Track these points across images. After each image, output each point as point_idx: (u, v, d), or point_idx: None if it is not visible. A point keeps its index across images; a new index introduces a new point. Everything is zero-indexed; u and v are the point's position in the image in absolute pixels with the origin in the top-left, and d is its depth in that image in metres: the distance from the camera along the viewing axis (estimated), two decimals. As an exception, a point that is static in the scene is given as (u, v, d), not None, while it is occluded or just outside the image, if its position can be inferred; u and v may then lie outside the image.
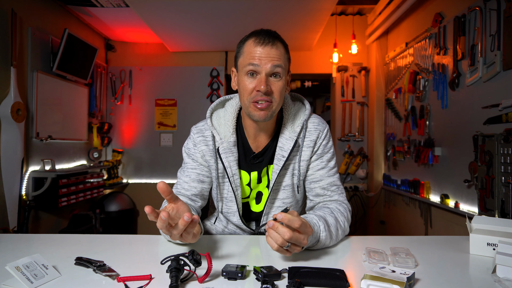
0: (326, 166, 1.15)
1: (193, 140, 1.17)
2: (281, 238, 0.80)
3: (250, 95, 1.02)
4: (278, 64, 1.00)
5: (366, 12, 4.04)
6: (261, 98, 1.01)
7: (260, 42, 1.01)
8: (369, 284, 0.69)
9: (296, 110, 1.17)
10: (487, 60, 2.07)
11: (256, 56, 1.00)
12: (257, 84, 1.00)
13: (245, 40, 1.06)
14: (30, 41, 2.80)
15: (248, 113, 1.06)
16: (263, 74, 1.00)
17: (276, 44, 1.02)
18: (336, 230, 1.01)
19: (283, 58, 1.03)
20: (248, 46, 1.03)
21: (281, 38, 1.06)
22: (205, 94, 4.20)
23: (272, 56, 1.00)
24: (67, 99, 3.32)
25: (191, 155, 1.17)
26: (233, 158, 1.12)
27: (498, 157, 1.88)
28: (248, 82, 1.02)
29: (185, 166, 1.18)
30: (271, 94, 1.02)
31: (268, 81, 1.01)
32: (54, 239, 1.09)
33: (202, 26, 3.36)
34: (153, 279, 0.74)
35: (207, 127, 1.16)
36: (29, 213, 2.71)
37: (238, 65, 1.07)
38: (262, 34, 1.03)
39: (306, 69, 4.15)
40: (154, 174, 4.22)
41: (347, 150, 4.07)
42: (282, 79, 1.03)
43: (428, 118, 2.80)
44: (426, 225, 2.85)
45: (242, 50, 1.05)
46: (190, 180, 1.15)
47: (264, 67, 1.00)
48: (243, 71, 1.03)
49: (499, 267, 0.77)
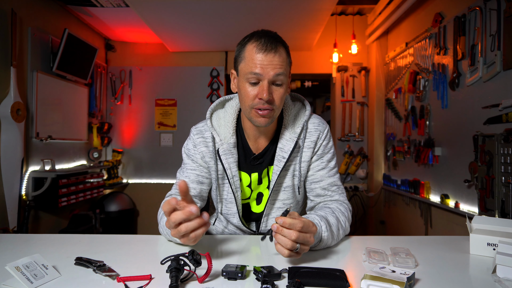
0: (326, 167, 1.15)
1: (193, 141, 1.16)
2: (289, 241, 0.80)
3: (252, 102, 1.00)
4: (280, 73, 0.98)
5: (366, 12, 4.04)
6: (263, 107, 0.99)
7: (262, 49, 0.98)
8: (369, 284, 0.69)
9: (296, 111, 1.17)
10: (487, 60, 2.07)
11: (258, 64, 0.97)
12: (259, 92, 0.99)
13: (245, 43, 1.02)
14: (30, 41, 2.80)
15: (250, 118, 1.05)
16: (265, 82, 0.98)
17: (279, 51, 0.99)
18: (338, 230, 1.01)
19: (285, 65, 1.01)
20: (249, 52, 1.00)
21: (283, 41, 1.03)
22: (205, 94, 4.20)
23: (275, 64, 0.98)
24: (67, 99, 3.32)
25: (190, 156, 1.16)
26: (233, 159, 1.12)
27: (498, 157, 1.88)
28: (250, 89, 1.00)
29: (185, 167, 1.18)
30: (273, 102, 1.01)
31: (270, 88, 0.99)
32: (54, 239, 1.09)
33: (202, 26, 3.36)
34: (153, 279, 0.74)
35: (207, 128, 1.15)
36: (29, 213, 2.71)
37: (239, 70, 1.04)
38: (264, 39, 0.99)
39: (306, 69, 4.15)
40: (154, 174, 4.22)
41: (347, 150, 4.07)
42: (283, 85, 1.02)
43: (428, 118, 2.79)
44: (426, 225, 2.85)
45: (243, 55, 1.02)
46: (190, 181, 1.14)
47: (267, 75, 0.97)
48: (244, 78, 1.01)
49: (499, 267, 0.77)
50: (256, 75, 0.98)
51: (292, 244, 0.80)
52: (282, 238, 0.81)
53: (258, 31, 1.04)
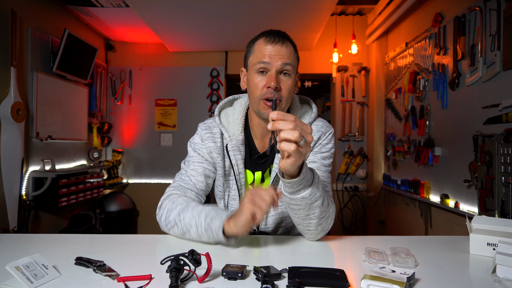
0: (318, 161, 1.14)
1: (201, 135, 1.17)
2: (291, 131, 0.77)
3: (261, 92, 1.04)
4: (288, 62, 1.03)
5: (366, 12, 4.04)
6: (271, 96, 1.02)
7: (270, 40, 1.04)
8: (369, 284, 0.69)
9: (302, 112, 1.19)
10: (487, 60, 2.07)
11: (267, 54, 1.03)
12: (268, 81, 1.02)
13: (255, 40, 1.08)
14: (30, 41, 2.80)
15: (258, 111, 1.07)
16: (273, 71, 1.02)
17: (286, 43, 1.05)
18: (324, 198, 0.98)
19: (293, 57, 1.06)
20: (258, 45, 1.06)
21: (290, 39, 1.08)
22: (205, 94, 4.20)
23: (282, 54, 1.02)
24: (67, 99, 3.32)
25: (197, 150, 1.16)
26: (240, 156, 1.13)
27: (498, 157, 1.88)
28: (259, 79, 1.04)
29: (191, 159, 1.17)
30: (280, 91, 1.03)
31: (278, 78, 1.03)
32: (54, 239, 1.09)
33: (202, 26, 3.36)
34: (153, 279, 0.74)
35: (216, 124, 1.17)
36: (29, 213, 2.71)
37: (248, 64, 1.09)
38: (272, 33, 1.05)
39: (306, 69, 4.15)
40: (154, 174, 4.22)
41: (347, 150, 4.07)
42: (291, 77, 1.05)
43: (428, 118, 2.79)
44: (426, 225, 2.85)
45: (252, 49, 1.08)
46: (197, 174, 1.14)
47: (275, 64, 1.02)
48: (254, 69, 1.05)
49: (499, 267, 0.77)
50: (264, 63, 1.02)
51: (297, 136, 0.77)
52: (284, 132, 0.78)
53: (267, 30, 1.09)
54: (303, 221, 0.99)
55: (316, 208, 0.96)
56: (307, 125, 0.83)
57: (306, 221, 0.99)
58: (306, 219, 0.98)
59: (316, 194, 0.94)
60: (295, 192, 0.92)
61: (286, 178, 0.90)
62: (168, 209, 1.05)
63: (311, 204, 0.94)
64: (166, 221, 1.05)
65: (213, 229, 0.94)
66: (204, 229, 0.95)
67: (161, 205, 1.09)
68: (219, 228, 0.93)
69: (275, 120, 0.80)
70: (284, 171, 0.88)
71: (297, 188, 0.91)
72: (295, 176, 0.89)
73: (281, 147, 0.80)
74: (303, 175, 0.89)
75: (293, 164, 0.83)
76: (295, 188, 0.91)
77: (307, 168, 0.91)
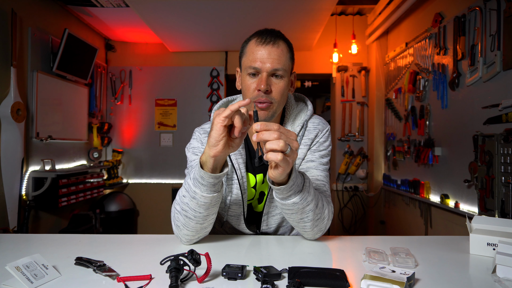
0: (316, 160, 1.13)
1: (200, 140, 1.15)
2: (275, 140, 0.78)
3: (252, 94, 1.02)
4: (278, 67, 1.01)
5: (366, 12, 4.04)
6: (262, 99, 1.01)
7: (261, 41, 1.02)
8: (369, 284, 0.69)
9: (298, 110, 1.17)
10: (487, 60, 2.07)
11: (258, 56, 1.01)
12: (258, 84, 1.01)
13: (248, 40, 1.07)
14: (30, 41, 2.80)
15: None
16: (264, 74, 1.01)
17: (278, 43, 1.02)
18: (318, 200, 0.98)
19: (285, 58, 1.03)
20: (250, 46, 1.04)
21: (284, 37, 1.06)
22: (205, 94, 4.20)
23: (273, 56, 1.00)
24: (67, 99, 3.32)
25: (197, 153, 1.14)
26: (242, 160, 1.12)
27: (498, 157, 1.88)
28: (250, 82, 1.03)
29: (193, 163, 1.13)
30: (270, 94, 1.02)
31: (268, 80, 1.01)
32: (54, 239, 1.09)
33: (202, 26, 3.36)
34: (153, 279, 0.74)
35: None
36: (29, 213, 2.71)
37: (241, 65, 1.08)
38: (264, 33, 1.04)
39: (306, 69, 4.15)
40: (154, 174, 4.22)
41: (347, 150, 4.07)
42: (283, 79, 1.03)
43: (428, 118, 2.79)
44: (426, 225, 2.85)
45: (245, 50, 1.07)
46: None
47: (265, 66, 1.00)
48: (245, 71, 1.04)
49: (499, 267, 0.77)
50: (255, 65, 1.01)
51: (282, 145, 0.78)
52: (269, 143, 0.78)
53: (261, 29, 1.07)
54: (298, 223, 1.00)
55: (309, 212, 0.96)
56: (291, 132, 0.83)
57: (301, 224, 1.00)
58: (300, 222, 0.99)
59: (308, 198, 0.94)
60: (285, 198, 0.92)
61: (276, 185, 0.91)
62: (173, 211, 1.02)
63: (303, 208, 0.95)
64: (173, 221, 1.01)
65: (196, 172, 0.90)
66: (193, 183, 0.92)
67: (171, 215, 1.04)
68: (197, 166, 0.90)
69: (259, 131, 0.80)
70: (274, 180, 0.89)
71: (287, 194, 0.91)
72: (285, 183, 0.89)
73: (268, 157, 0.80)
74: (292, 182, 0.89)
75: (281, 173, 0.84)
76: (285, 194, 0.91)
77: (296, 173, 0.91)
